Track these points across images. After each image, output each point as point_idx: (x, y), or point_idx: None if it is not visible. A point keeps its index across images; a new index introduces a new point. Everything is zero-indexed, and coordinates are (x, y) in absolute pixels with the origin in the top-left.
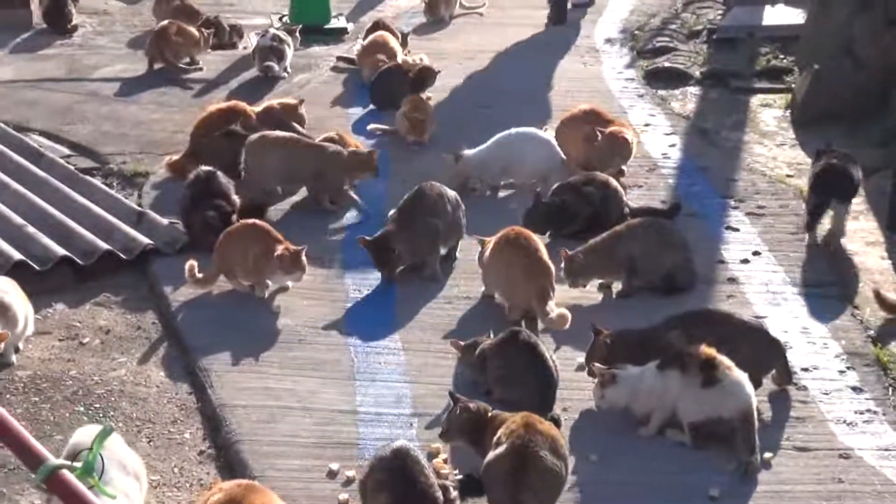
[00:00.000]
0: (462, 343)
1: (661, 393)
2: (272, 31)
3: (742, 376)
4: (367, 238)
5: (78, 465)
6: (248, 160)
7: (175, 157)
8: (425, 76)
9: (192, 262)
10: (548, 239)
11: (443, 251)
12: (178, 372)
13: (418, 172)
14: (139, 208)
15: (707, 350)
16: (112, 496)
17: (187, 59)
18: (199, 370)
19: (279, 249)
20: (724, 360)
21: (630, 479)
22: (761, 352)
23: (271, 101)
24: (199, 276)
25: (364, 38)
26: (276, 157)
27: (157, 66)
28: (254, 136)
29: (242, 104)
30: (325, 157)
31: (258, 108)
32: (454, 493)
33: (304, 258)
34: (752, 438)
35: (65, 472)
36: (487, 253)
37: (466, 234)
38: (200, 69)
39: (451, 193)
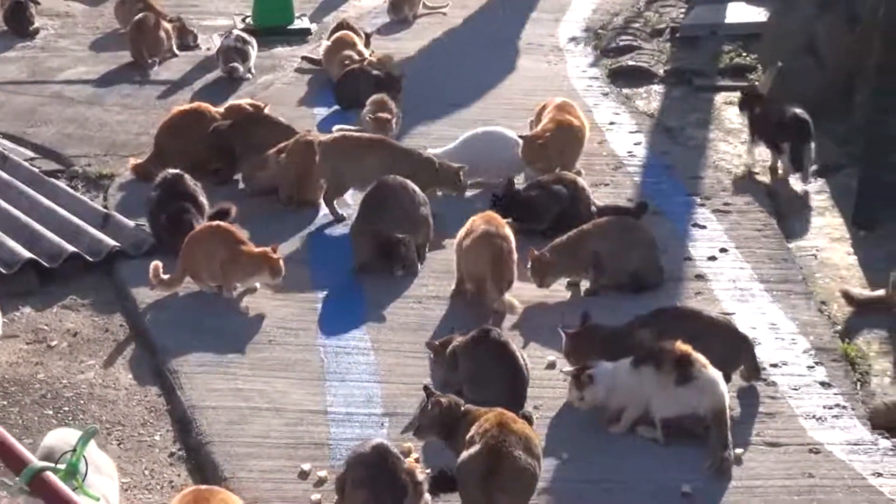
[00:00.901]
0: (437, 342)
1: (636, 389)
2: (236, 31)
3: (716, 374)
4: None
5: (62, 467)
6: (332, 162)
7: (139, 161)
8: (394, 80)
9: (156, 263)
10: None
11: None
12: (147, 374)
13: None
14: (105, 210)
15: (682, 347)
16: (96, 498)
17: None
18: (169, 372)
19: (268, 253)
20: (698, 357)
21: (603, 477)
22: (730, 348)
23: (237, 101)
24: (164, 277)
25: (329, 39)
26: (372, 160)
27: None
28: (334, 137)
29: (206, 105)
30: (418, 161)
31: (222, 108)
32: (421, 477)
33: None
34: (725, 435)
35: (49, 474)
36: (462, 233)
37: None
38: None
39: (415, 188)
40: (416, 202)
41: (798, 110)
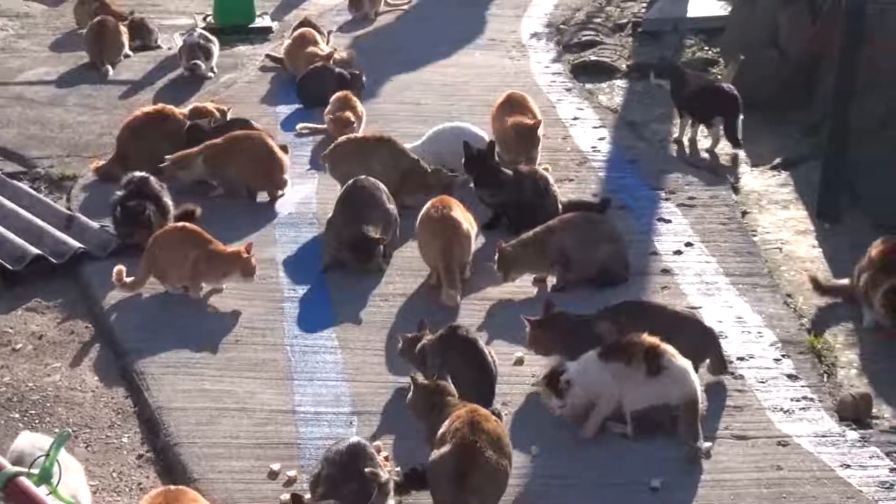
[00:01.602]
0: (408, 336)
1: (607, 385)
2: (198, 29)
3: (686, 363)
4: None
5: (35, 471)
6: (342, 167)
7: (101, 162)
8: (357, 78)
9: (119, 268)
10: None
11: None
12: (114, 376)
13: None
14: (68, 212)
15: (650, 338)
16: (70, 502)
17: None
18: (135, 373)
19: (241, 253)
20: (668, 347)
21: (572, 473)
22: (695, 341)
23: (200, 102)
24: (127, 280)
25: (290, 37)
26: (377, 158)
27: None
28: (339, 142)
29: (171, 107)
30: (413, 164)
31: (186, 109)
32: (385, 478)
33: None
34: (696, 425)
35: (23, 479)
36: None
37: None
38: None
39: (384, 187)
40: (389, 201)
41: (725, 85)
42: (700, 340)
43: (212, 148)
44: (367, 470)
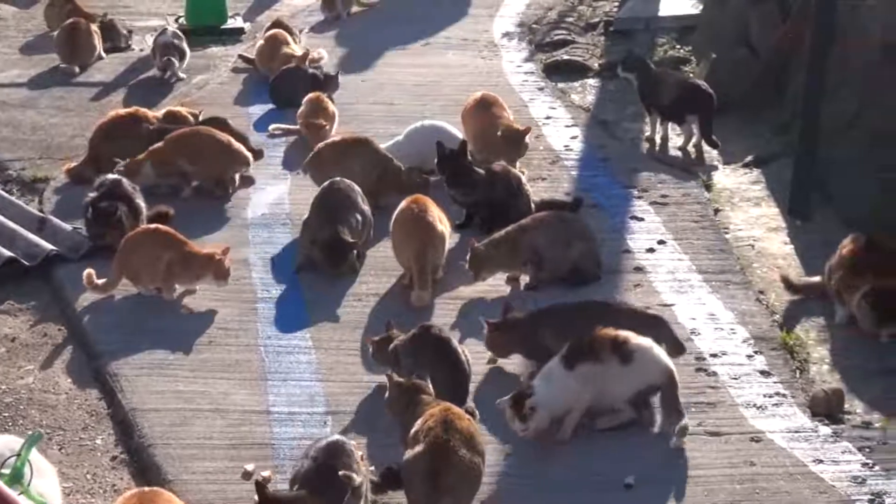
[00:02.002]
0: (375, 339)
1: (580, 390)
2: (171, 28)
3: (648, 341)
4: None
5: (6, 472)
6: (323, 173)
7: (73, 164)
8: (330, 79)
9: (89, 271)
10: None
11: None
12: (87, 378)
13: None
14: (41, 214)
15: (606, 331)
16: (41, 502)
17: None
18: (109, 375)
19: (215, 255)
20: (626, 333)
21: (545, 471)
22: (644, 329)
23: (172, 107)
24: (99, 282)
25: (262, 38)
26: (356, 161)
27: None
28: (317, 149)
29: (144, 110)
30: (390, 166)
31: (159, 113)
32: (358, 481)
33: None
34: (678, 400)
35: None
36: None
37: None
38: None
39: (358, 189)
40: (363, 203)
41: (701, 83)
42: (649, 326)
43: (157, 152)
44: (340, 473)
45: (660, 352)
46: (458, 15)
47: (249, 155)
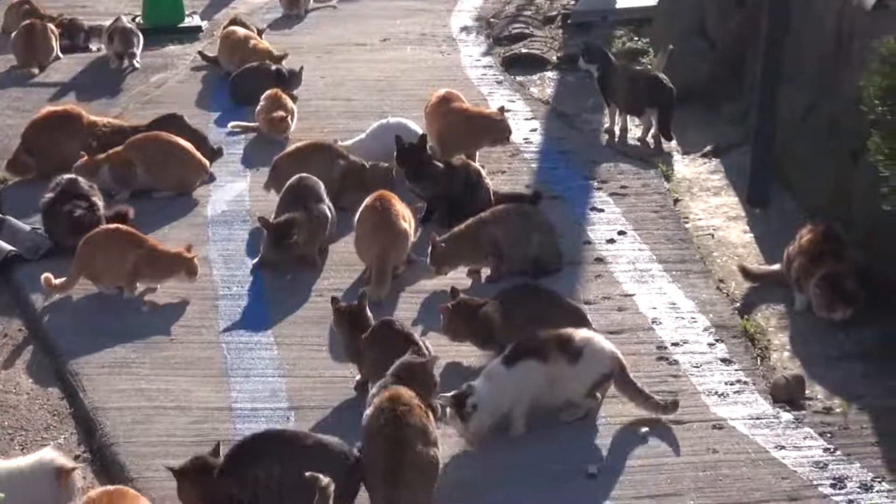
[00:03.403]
0: (341, 305)
1: (519, 387)
2: (125, 17)
3: (588, 332)
4: (269, 220)
5: None
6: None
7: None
8: (294, 75)
9: (47, 275)
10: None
11: None
12: (49, 377)
13: None
14: None
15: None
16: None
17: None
18: (70, 374)
19: (182, 253)
20: (567, 330)
21: (508, 461)
22: (570, 319)
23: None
24: (57, 283)
25: (221, 35)
26: (316, 165)
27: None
28: (280, 155)
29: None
30: (350, 164)
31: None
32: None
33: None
34: (634, 382)
35: None
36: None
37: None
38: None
39: (322, 184)
40: (324, 199)
41: (660, 75)
42: (574, 318)
43: (115, 156)
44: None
45: (600, 340)
46: (417, 10)
47: (207, 163)
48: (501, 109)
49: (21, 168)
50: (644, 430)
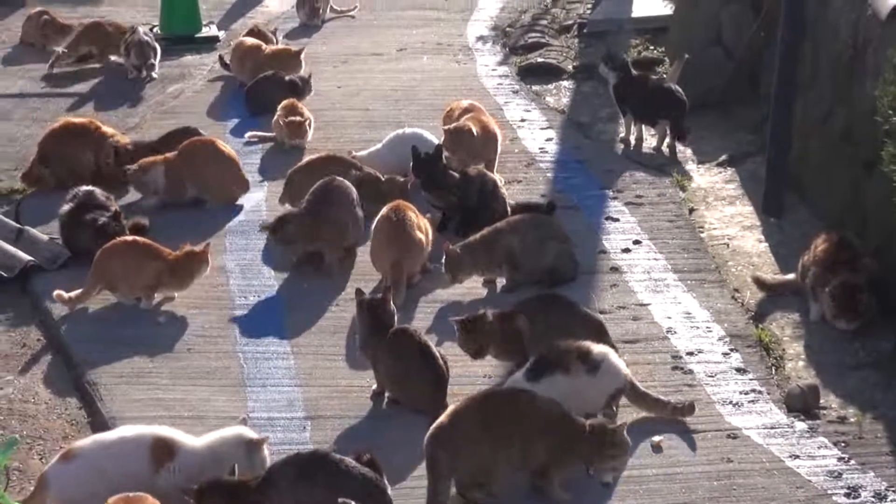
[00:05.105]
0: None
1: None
2: (141, 29)
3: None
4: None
5: None
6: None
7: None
8: (307, 84)
9: (58, 292)
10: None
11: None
12: (67, 387)
13: None
14: (17, 225)
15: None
16: None
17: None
18: (88, 384)
19: (192, 251)
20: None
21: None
22: (589, 333)
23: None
24: (71, 295)
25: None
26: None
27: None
28: (296, 167)
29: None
30: (364, 176)
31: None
32: None
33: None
34: (646, 392)
35: None
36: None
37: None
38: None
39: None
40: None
41: (673, 86)
42: (594, 332)
43: (169, 160)
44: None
45: (615, 355)
46: (433, 20)
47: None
48: None
49: (36, 180)
50: (658, 438)
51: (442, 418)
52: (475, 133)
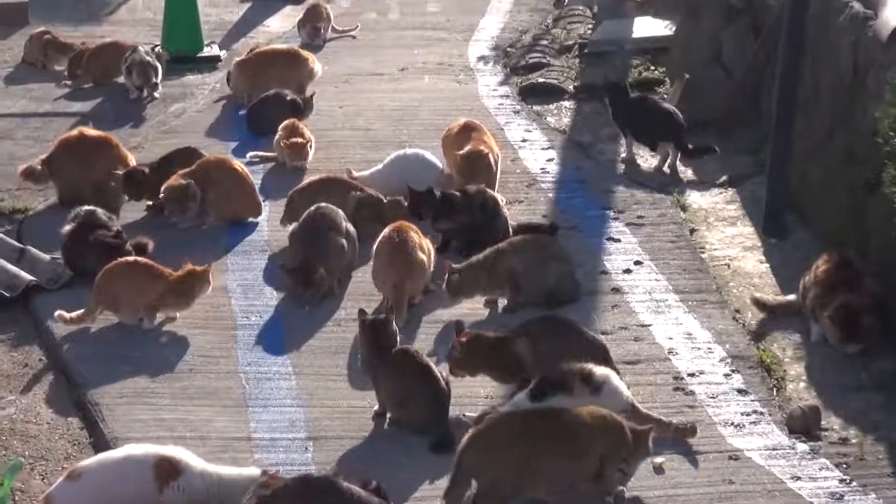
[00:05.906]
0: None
1: None
2: (142, 48)
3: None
4: (288, 266)
5: None
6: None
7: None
8: (308, 104)
9: (60, 312)
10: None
11: None
12: (68, 407)
13: None
14: (20, 245)
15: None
16: None
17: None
18: (90, 404)
19: (192, 270)
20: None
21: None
22: (593, 356)
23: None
24: (73, 316)
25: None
26: (330, 198)
27: None
28: (299, 188)
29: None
30: (365, 197)
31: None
32: None
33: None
34: (648, 414)
35: None
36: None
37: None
38: None
39: (341, 213)
40: (345, 226)
41: (671, 107)
42: (596, 355)
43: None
44: None
45: (616, 377)
46: (434, 40)
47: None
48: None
49: (33, 176)
50: (660, 460)
51: (480, 425)
52: (492, 159)
